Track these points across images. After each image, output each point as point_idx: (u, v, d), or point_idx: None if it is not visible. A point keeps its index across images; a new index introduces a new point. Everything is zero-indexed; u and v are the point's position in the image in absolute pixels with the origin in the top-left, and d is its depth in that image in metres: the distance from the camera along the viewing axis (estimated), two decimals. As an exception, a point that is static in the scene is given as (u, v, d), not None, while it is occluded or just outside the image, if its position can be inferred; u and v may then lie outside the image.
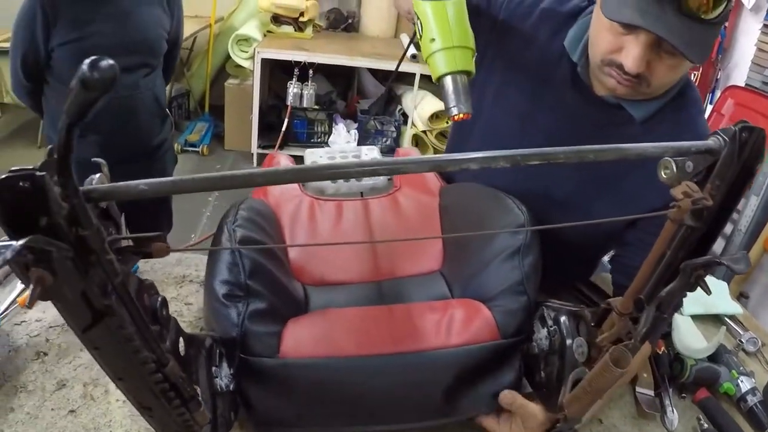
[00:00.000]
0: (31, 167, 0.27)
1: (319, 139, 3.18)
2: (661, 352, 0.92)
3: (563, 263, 0.80)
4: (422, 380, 0.64)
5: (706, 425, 0.83)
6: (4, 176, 0.27)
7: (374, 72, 3.35)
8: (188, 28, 2.97)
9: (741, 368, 0.94)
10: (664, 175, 0.44)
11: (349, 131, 3.23)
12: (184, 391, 0.43)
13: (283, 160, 1.11)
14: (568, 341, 0.63)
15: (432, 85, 3.59)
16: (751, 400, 0.88)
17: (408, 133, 3.26)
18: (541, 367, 0.68)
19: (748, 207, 1.92)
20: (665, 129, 0.79)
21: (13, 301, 0.82)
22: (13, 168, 0.27)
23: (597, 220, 0.60)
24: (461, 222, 0.85)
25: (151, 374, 0.40)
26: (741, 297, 1.96)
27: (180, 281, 0.91)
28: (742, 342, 1.05)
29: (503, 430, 0.67)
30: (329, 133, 3.18)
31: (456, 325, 0.65)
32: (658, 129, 0.79)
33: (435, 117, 3.16)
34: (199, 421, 0.46)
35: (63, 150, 0.28)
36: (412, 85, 3.23)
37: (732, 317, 1.11)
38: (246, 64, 3.06)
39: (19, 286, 0.84)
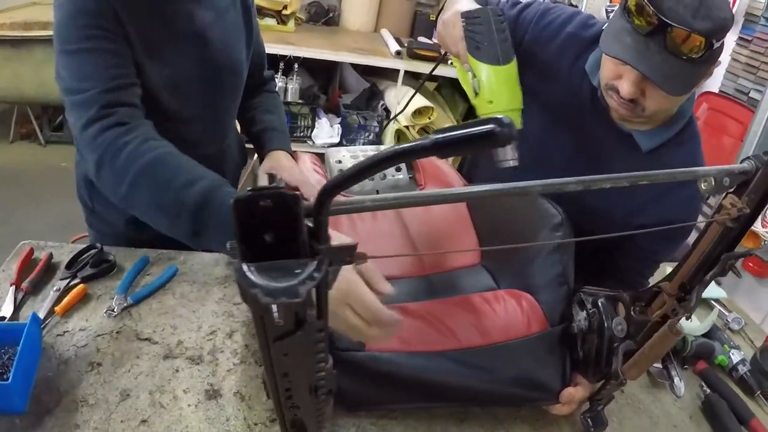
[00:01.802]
0: (273, 186, 0.31)
1: (302, 134, 3.21)
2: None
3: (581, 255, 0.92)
4: (486, 371, 0.73)
5: (707, 390, 0.96)
6: (247, 194, 0.30)
7: (355, 66, 3.40)
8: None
9: (731, 343, 1.08)
10: (703, 187, 0.55)
11: (332, 126, 3.27)
12: (329, 385, 0.46)
13: (306, 159, 1.17)
14: (607, 321, 0.74)
15: (415, 81, 3.67)
16: (742, 369, 1.03)
17: (390, 128, 3.33)
18: (579, 345, 0.78)
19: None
20: (669, 159, 0.91)
21: (51, 311, 0.80)
22: (253, 188, 0.31)
23: (634, 231, 0.71)
24: (498, 219, 0.94)
25: (318, 372, 0.43)
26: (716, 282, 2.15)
27: (223, 281, 0.93)
28: (728, 321, 1.20)
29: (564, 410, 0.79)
30: (312, 127, 3.22)
31: (512, 319, 0.75)
32: (662, 160, 0.92)
33: (418, 113, 3.24)
34: (327, 412, 0.51)
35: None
36: (394, 80, 3.30)
37: (717, 300, 1.25)
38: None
39: (52, 294, 0.82)
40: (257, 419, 0.71)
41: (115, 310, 0.81)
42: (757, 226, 2.03)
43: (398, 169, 1.21)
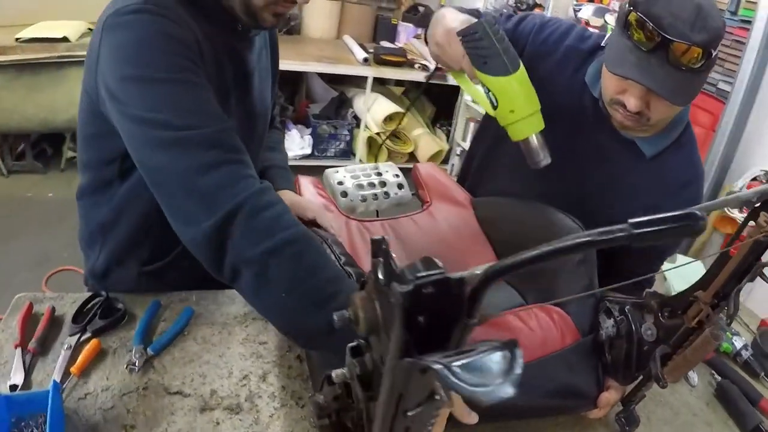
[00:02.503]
0: (434, 273, 0.31)
1: (272, 148, 3.17)
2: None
3: None
4: (527, 387, 0.73)
5: (718, 378, 1.01)
6: (413, 286, 0.30)
7: (321, 75, 3.38)
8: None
9: (732, 330, 1.13)
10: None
11: (302, 137, 3.24)
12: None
13: (309, 184, 1.15)
14: (635, 327, 0.76)
15: (383, 87, 3.68)
16: (745, 354, 1.08)
17: (361, 135, 3.33)
18: (607, 351, 0.81)
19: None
20: (670, 163, 0.96)
21: (66, 373, 0.75)
22: (422, 274, 0.31)
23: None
24: (514, 234, 0.96)
25: None
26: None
27: (242, 320, 0.90)
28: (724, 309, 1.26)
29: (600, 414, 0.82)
30: (282, 140, 3.18)
31: (547, 334, 0.76)
32: (665, 164, 0.96)
33: (389, 119, 3.25)
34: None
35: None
36: (362, 87, 3.30)
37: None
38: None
39: (63, 353, 0.77)
40: (308, 462, 0.70)
41: (136, 364, 0.78)
42: (734, 212, 2.13)
43: (401, 186, 1.21)
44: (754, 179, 2.23)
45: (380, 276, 0.36)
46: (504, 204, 1.04)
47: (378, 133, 3.28)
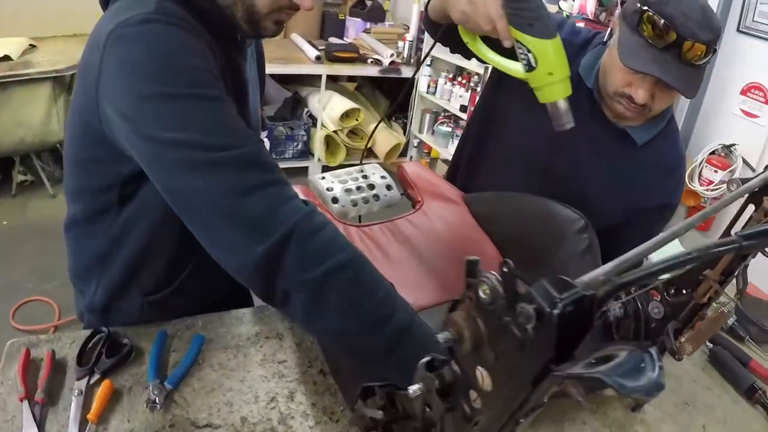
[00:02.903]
0: (572, 293, 0.32)
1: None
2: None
3: None
4: None
5: (710, 345, 1.07)
6: (561, 306, 0.31)
7: (273, 76, 3.31)
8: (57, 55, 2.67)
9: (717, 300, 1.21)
10: (732, 188, 0.61)
11: (259, 141, 3.17)
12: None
13: (300, 194, 1.13)
14: (642, 306, 0.80)
15: (336, 84, 3.65)
16: (730, 320, 1.15)
17: (318, 134, 3.29)
18: (614, 331, 0.85)
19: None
20: (659, 150, 1.03)
21: (83, 422, 0.71)
22: (566, 295, 0.31)
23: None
24: (516, 228, 0.98)
25: None
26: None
27: (255, 340, 0.88)
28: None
29: None
30: (238, 146, 3.10)
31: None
32: (655, 151, 1.03)
33: (345, 116, 3.23)
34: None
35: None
36: (315, 86, 3.26)
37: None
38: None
39: (75, 399, 0.73)
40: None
41: (156, 401, 0.74)
42: (695, 185, 2.26)
43: (389, 188, 1.21)
44: (713, 153, 2.38)
45: (482, 296, 0.38)
46: (499, 198, 1.06)
47: (335, 131, 3.26)
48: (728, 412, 0.95)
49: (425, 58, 1.13)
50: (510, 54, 0.82)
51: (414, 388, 0.49)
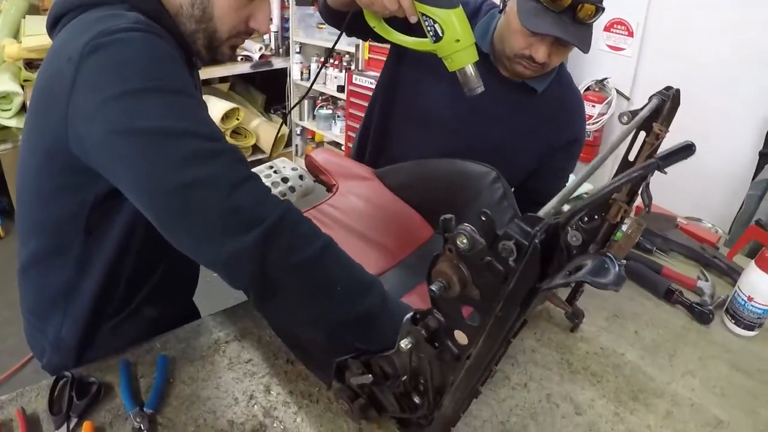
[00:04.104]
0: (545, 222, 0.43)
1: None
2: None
3: None
4: None
5: (624, 261, 1.28)
6: (544, 228, 0.43)
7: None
8: None
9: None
10: (623, 121, 0.78)
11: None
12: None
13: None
14: (561, 236, 0.97)
15: (209, 87, 3.59)
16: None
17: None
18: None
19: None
20: (556, 94, 1.21)
21: None
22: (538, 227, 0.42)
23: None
24: (433, 191, 1.10)
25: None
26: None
27: (216, 347, 0.93)
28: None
29: None
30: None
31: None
32: (552, 96, 1.21)
33: (225, 117, 3.24)
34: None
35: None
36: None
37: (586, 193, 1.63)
38: (12, 123, 2.76)
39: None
40: (353, 445, 0.78)
41: (142, 427, 0.77)
42: None
43: (302, 177, 1.27)
44: (587, 89, 2.72)
45: (461, 245, 0.48)
46: (410, 168, 1.16)
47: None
48: (653, 315, 1.14)
49: (332, 51, 1.17)
50: (414, 31, 0.92)
51: (405, 342, 0.59)
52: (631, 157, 0.89)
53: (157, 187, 0.65)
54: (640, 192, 0.84)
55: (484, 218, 0.45)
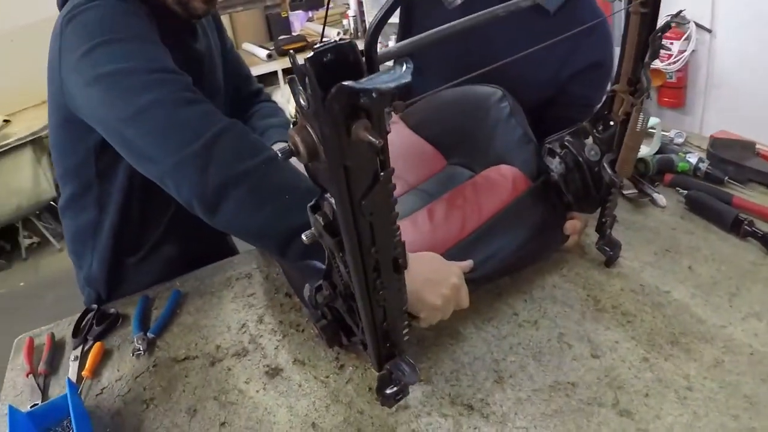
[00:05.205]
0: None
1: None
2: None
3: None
4: (497, 243, 0.80)
5: (685, 191, 1.07)
6: (315, 53, 0.34)
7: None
8: None
9: (684, 149, 1.21)
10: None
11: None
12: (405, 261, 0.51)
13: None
14: (579, 154, 0.82)
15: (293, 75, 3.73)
16: (703, 166, 1.14)
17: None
18: (565, 189, 0.87)
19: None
20: (573, 13, 1.03)
21: (79, 378, 0.79)
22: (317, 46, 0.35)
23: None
24: (445, 122, 1.01)
25: (395, 238, 0.47)
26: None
27: (227, 284, 0.94)
28: (672, 138, 1.33)
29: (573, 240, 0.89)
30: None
31: (499, 186, 0.82)
32: (568, 15, 1.03)
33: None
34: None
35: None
36: (275, 83, 3.37)
37: (652, 128, 1.39)
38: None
39: (72, 364, 0.81)
40: (326, 372, 0.75)
41: (141, 348, 0.81)
42: (657, 64, 2.23)
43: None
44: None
45: (303, 102, 0.40)
46: (424, 104, 1.10)
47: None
48: (715, 250, 0.93)
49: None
50: None
51: (307, 233, 0.53)
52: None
53: (119, 119, 0.70)
54: (641, 76, 0.69)
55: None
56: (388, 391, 0.60)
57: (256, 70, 3.10)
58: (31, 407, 0.75)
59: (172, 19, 0.85)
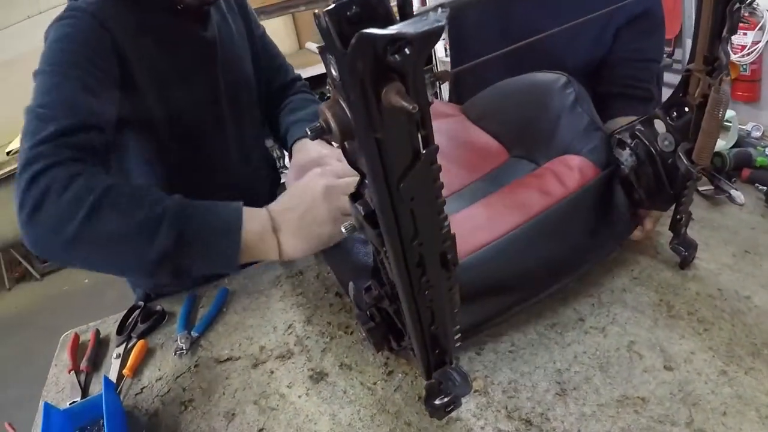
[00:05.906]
0: None
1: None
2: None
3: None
4: (560, 233, 0.71)
5: (764, 188, 0.95)
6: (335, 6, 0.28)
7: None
8: None
9: (762, 143, 1.07)
10: None
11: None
12: (455, 258, 0.43)
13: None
14: (651, 145, 0.72)
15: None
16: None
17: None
18: (636, 184, 0.77)
19: None
20: None
21: (120, 376, 0.77)
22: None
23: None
24: (508, 113, 0.93)
25: (443, 230, 0.40)
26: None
27: (275, 282, 0.90)
28: (749, 131, 1.19)
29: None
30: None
31: (564, 176, 0.73)
32: None
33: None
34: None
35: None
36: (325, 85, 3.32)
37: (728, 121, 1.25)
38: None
39: (114, 361, 0.79)
40: (374, 378, 0.68)
41: (184, 347, 0.78)
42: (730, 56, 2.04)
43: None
44: None
45: (333, 73, 0.34)
46: (484, 95, 1.03)
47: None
48: None
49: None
50: None
51: (346, 225, 0.46)
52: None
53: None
54: (720, 52, 0.58)
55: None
56: (438, 402, 0.53)
57: (316, 70, 3.08)
58: (69, 404, 0.73)
59: (173, 11, 0.83)
